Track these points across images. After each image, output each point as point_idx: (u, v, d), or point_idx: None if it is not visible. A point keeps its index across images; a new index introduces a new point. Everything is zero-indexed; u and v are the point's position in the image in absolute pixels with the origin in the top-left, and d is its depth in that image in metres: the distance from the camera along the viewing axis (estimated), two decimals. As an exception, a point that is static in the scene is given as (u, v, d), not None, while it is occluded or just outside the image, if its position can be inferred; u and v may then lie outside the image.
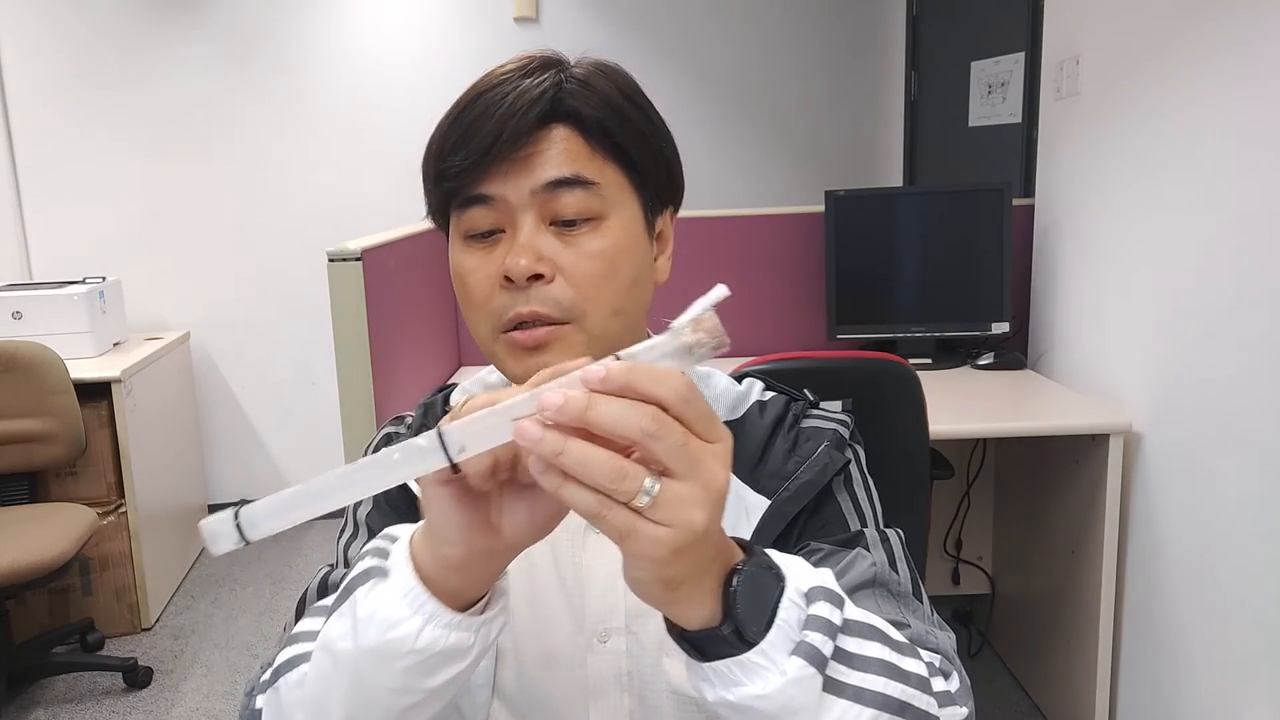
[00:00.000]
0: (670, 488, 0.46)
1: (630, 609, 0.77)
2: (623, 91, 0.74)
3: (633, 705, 0.77)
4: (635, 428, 0.45)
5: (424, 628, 0.54)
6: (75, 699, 2.61)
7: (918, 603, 0.73)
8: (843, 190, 2.53)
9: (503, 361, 0.74)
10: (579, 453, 0.45)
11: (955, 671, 0.65)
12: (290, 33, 3.57)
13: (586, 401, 0.44)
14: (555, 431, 0.45)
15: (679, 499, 0.46)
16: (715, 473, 0.47)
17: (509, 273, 0.69)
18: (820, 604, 0.53)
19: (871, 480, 0.83)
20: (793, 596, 0.52)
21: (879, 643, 0.56)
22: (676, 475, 0.46)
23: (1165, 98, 1.85)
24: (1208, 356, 1.73)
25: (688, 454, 0.46)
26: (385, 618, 0.54)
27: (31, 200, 3.50)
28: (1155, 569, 1.91)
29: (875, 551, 0.74)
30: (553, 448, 0.45)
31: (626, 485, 0.45)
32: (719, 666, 0.52)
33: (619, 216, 0.73)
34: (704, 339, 0.47)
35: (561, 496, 0.46)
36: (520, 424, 0.45)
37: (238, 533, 0.47)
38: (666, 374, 0.46)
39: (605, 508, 0.45)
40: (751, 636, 0.51)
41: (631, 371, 0.45)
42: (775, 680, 0.51)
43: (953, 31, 3.36)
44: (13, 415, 2.60)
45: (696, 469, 0.46)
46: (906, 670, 0.57)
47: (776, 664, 0.51)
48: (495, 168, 0.70)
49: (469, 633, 0.55)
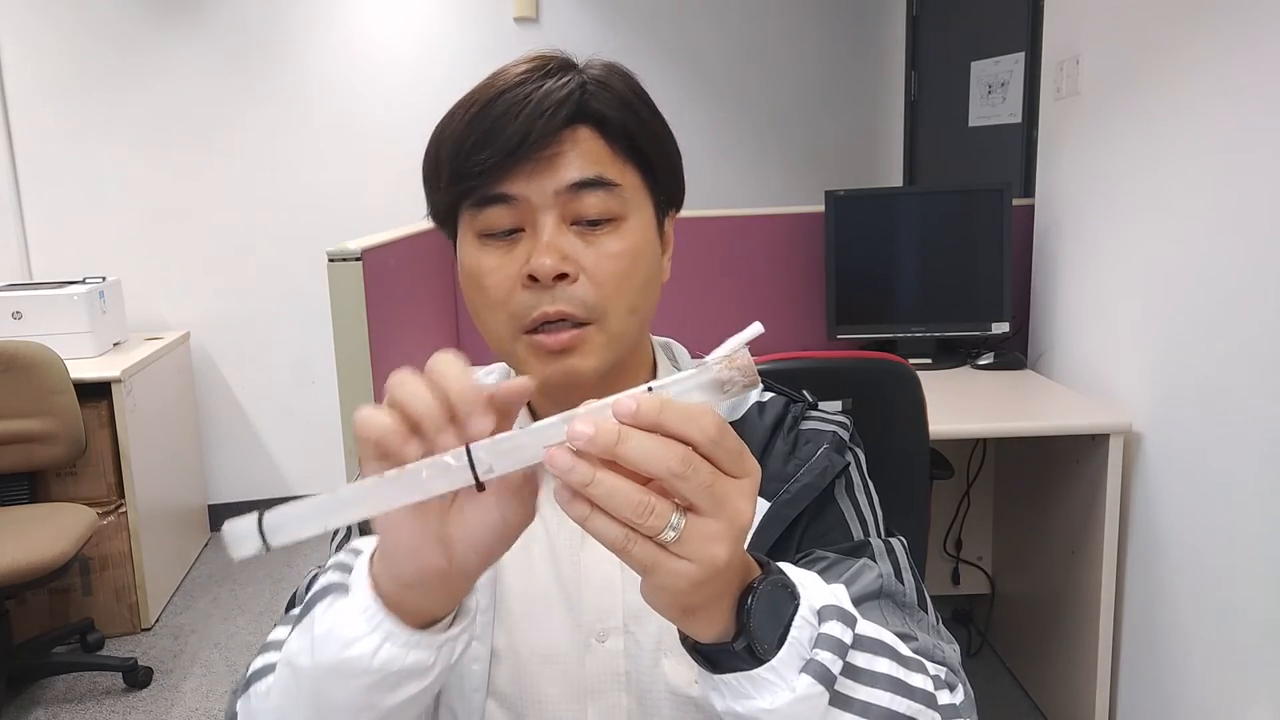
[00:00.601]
0: (695, 524, 0.46)
1: (628, 609, 0.77)
2: (636, 94, 0.75)
3: (630, 705, 0.77)
4: (663, 467, 0.45)
5: (381, 646, 0.54)
6: (75, 699, 2.61)
7: (923, 613, 0.73)
8: (843, 190, 2.53)
9: (524, 363, 0.73)
10: (608, 485, 0.45)
11: (960, 684, 0.66)
12: (290, 33, 3.57)
13: (617, 435, 0.45)
14: (586, 462, 0.45)
15: (703, 535, 0.47)
16: (740, 509, 0.48)
17: (535, 272, 0.69)
18: (832, 623, 0.54)
19: (872, 484, 0.83)
20: (805, 615, 0.53)
21: (888, 658, 0.57)
22: (702, 513, 0.47)
23: (1165, 97, 1.85)
24: (1208, 356, 1.73)
25: (713, 494, 0.46)
26: (342, 635, 0.54)
27: (31, 200, 3.50)
28: (1155, 569, 1.91)
29: (881, 562, 0.75)
30: (582, 478, 0.45)
31: (652, 521, 0.46)
32: (729, 679, 0.53)
33: (637, 218, 0.73)
34: (736, 376, 0.48)
35: (587, 527, 0.46)
36: (551, 452, 0.45)
37: (260, 538, 0.47)
38: (698, 413, 0.46)
39: (630, 541, 0.46)
40: (763, 654, 0.52)
41: (664, 409, 0.46)
42: (784, 696, 0.52)
43: (953, 31, 3.37)
44: (13, 415, 2.60)
45: (722, 507, 0.47)
46: (913, 686, 0.58)
47: (786, 680, 0.52)
48: (520, 167, 0.69)
49: (428, 651, 0.55)
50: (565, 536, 0.79)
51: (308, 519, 0.47)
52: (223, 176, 3.61)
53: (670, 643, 0.76)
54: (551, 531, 0.79)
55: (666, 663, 0.76)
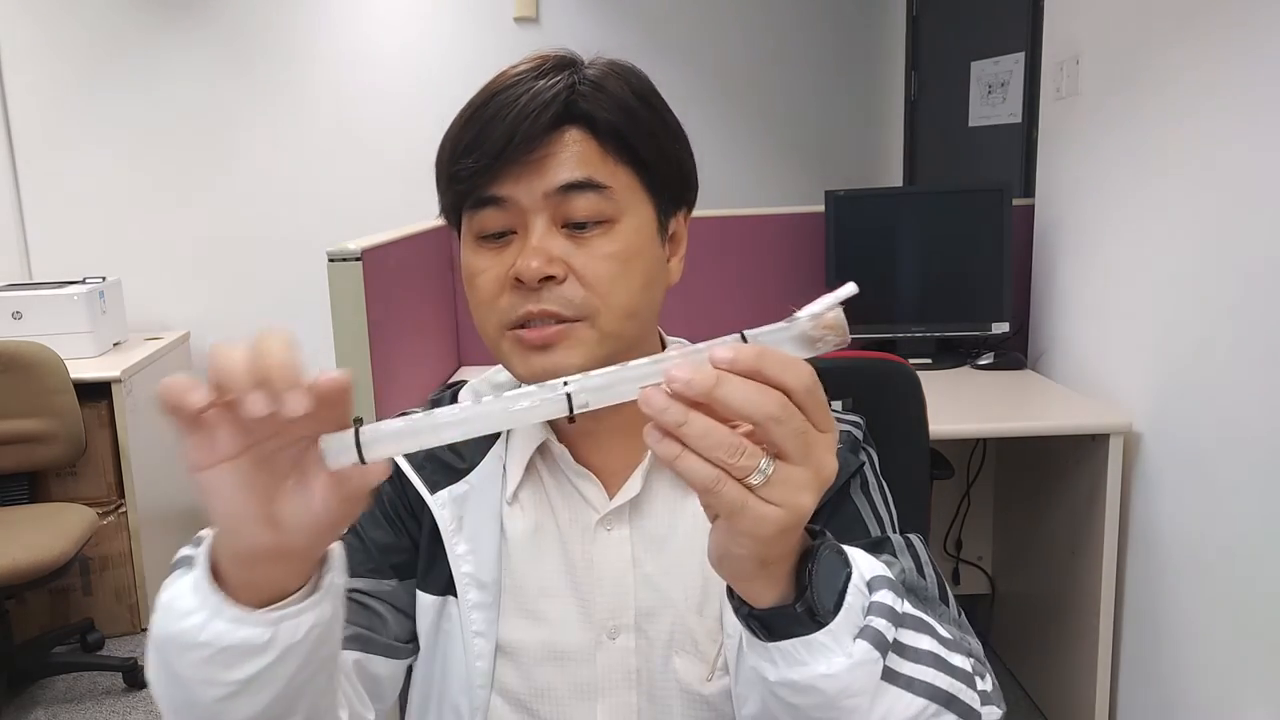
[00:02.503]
0: (784, 470, 0.47)
1: (640, 607, 0.77)
2: (636, 93, 0.74)
3: (641, 702, 0.77)
4: (761, 412, 0.46)
5: (210, 621, 0.53)
6: (75, 699, 2.61)
7: (945, 607, 0.74)
8: (843, 190, 2.52)
9: (508, 359, 0.74)
10: (701, 425, 0.45)
11: (988, 673, 0.66)
12: (290, 33, 3.57)
13: (715, 379, 0.45)
14: (680, 404, 0.45)
15: (791, 481, 0.47)
16: (825, 461, 0.48)
17: (520, 274, 0.69)
18: (884, 592, 0.55)
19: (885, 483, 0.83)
20: (858, 583, 0.54)
21: (929, 636, 0.58)
22: (791, 460, 0.47)
23: (1165, 97, 1.85)
24: (1208, 356, 1.73)
25: (805, 441, 0.47)
26: (177, 608, 0.54)
27: (31, 200, 3.50)
28: (1155, 569, 1.91)
29: (902, 557, 0.75)
30: (675, 418, 0.45)
31: (745, 461, 0.46)
32: (785, 646, 0.53)
33: (630, 219, 0.73)
34: (828, 335, 0.48)
35: (676, 467, 0.46)
36: (646, 391, 0.46)
37: (357, 450, 0.48)
38: (794, 361, 0.47)
39: (720, 482, 0.46)
40: (822, 617, 0.52)
41: (761, 356, 0.46)
42: (841, 661, 0.52)
43: (953, 31, 3.36)
44: (13, 415, 2.60)
45: (810, 456, 0.47)
46: (954, 665, 0.59)
47: (842, 645, 0.52)
48: (507, 170, 0.70)
49: (260, 628, 0.54)
50: (577, 533, 0.79)
51: (402, 436, 0.48)
52: (223, 176, 3.61)
53: (681, 641, 0.76)
54: (563, 528, 0.79)
55: (677, 661, 0.76)
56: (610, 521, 0.78)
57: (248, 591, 0.54)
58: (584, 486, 0.79)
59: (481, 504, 0.79)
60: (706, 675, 0.75)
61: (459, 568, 0.78)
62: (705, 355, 0.46)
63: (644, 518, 0.78)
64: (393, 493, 0.81)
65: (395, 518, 0.81)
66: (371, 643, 0.76)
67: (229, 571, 0.54)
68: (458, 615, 0.78)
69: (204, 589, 0.54)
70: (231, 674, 0.54)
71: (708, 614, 0.76)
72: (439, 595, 0.79)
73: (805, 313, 0.49)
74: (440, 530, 0.78)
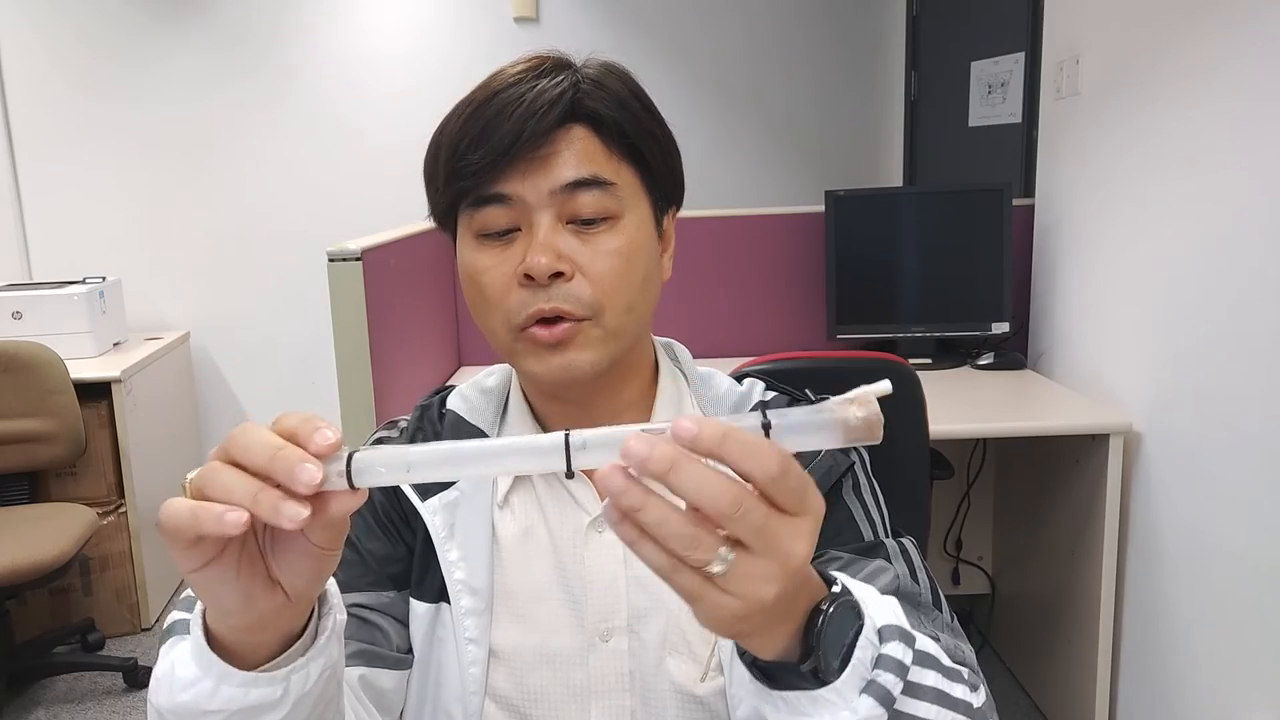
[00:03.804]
0: (744, 562, 0.45)
1: (633, 608, 0.77)
2: (633, 92, 0.75)
3: (634, 705, 0.77)
4: (714, 506, 0.43)
5: (218, 689, 0.53)
6: (75, 699, 2.61)
7: (938, 613, 0.73)
8: (843, 190, 2.52)
9: (523, 360, 0.73)
10: (658, 514, 0.44)
11: (982, 684, 0.66)
12: (290, 33, 3.57)
13: (670, 464, 0.43)
14: (638, 487, 0.43)
15: (752, 574, 0.45)
16: (793, 551, 0.46)
17: (530, 270, 0.69)
18: (894, 644, 0.53)
19: (877, 483, 0.83)
20: (869, 635, 0.52)
21: (934, 670, 0.57)
22: (752, 551, 0.45)
23: (1165, 97, 1.85)
24: (1208, 356, 1.73)
25: (764, 535, 0.45)
26: (180, 677, 0.54)
27: (31, 200, 3.50)
28: (1155, 569, 1.91)
29: (896, 563, 0.74)
30: (632, 503, 0.43)
31: (699, 555, 0.44)
32: (789, 697, 0.52)
33: (632, 216, 0.73)
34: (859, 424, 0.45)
35: (634, 550, 0.45)
36: (603, 472, 0.44)
37: (347, 477, 0.47)
38: (759, 448, 0.44)
39: (675, 571, 0.45)
40: (827, 675, 0.51)
41: (725, 439, 0.43)
42: (845, 717, 0.51)
43: (953, 31, 3.36)
44: (13, 415, 2.60)
45: (773, 548, 0.45)
46: (955, 698, 0.57)
47: (847, 701, 0.51)
48: (513, 167, 0.70)
49: (272, 687, 0.53)
50: (568, 536, 0.79)
51: (392, 468, 0.47)
52: (223, 176, 3.61)
53: (675, 642, 0.76)
54: (554, 531, 0.79)
55: (671, 662, 0.76)
56: (601, 524, 0.78)
57: (253, 651, 0.53)
58: (575, 488, 0.79)
59: (472, 510, 0.79)
60: (700, 676, 0.75)
61: (451, 574, 0.77)
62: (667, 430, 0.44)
63: None
64: (386, 502, 0.80)
65: (390, 526, 0.80)
66: (376, 657, 0.76)
67: (229, 638, 0.53)
68: (451, 622, 0.78)
69: (206, 658, 0.53)
70: None
71: None
72: (432, 603, 0.78)
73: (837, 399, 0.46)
74: (432, 538, 0.78)
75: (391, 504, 0.80)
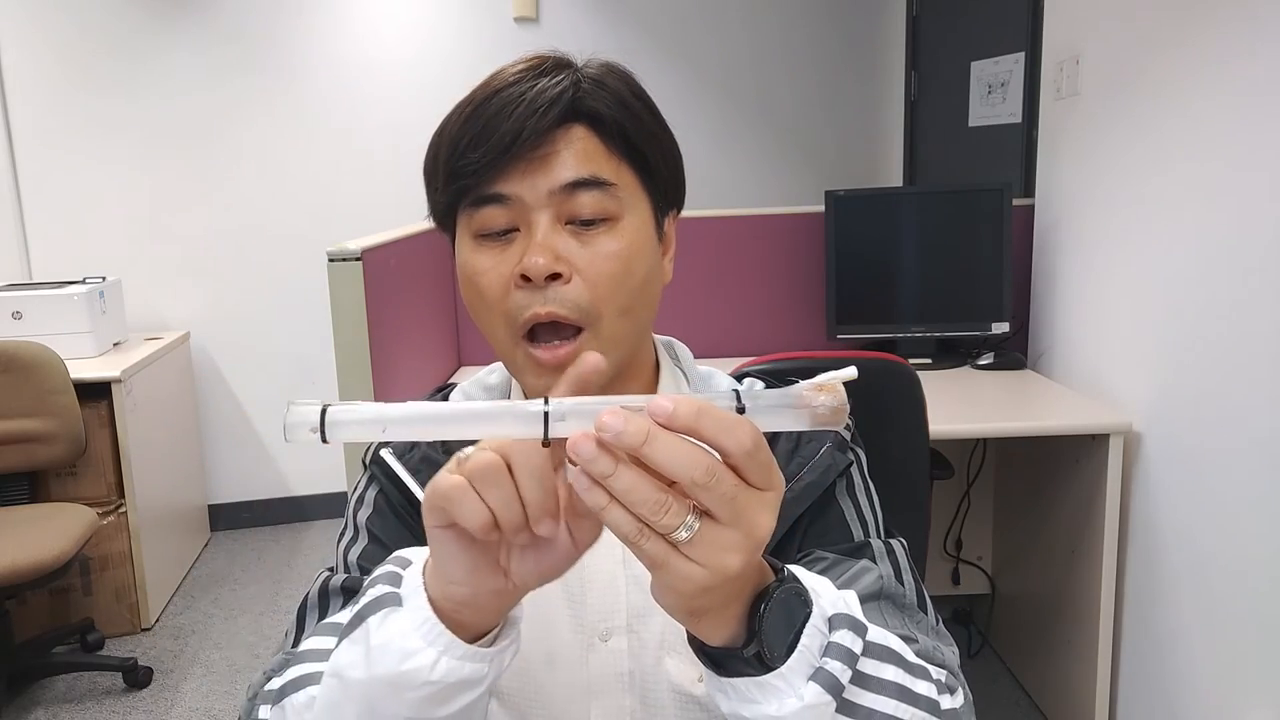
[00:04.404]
0: (711, 531, 0.46)
1: (632, 608, 0.77)
2: (634, 92, 0.74)
3: (634, 705, 0.77)
4: (685, 474, 0.44)
5: (439, 659, 0.54)
6: (75, 699, 2.61)
7: (922, 614, 0.73)
8: (843, 190, 2.53)
9: (522, 372, 0.73)
10: (628, 480, 0.45)
11: (960, 687, 0.65)
12: (290, 33, 3.57)
13: (645, 435, 0.44)
14: (608, 455, 0.44)
15: (717, 542, 0.46)
16: (759, 522, 0.47)
17: (527, 271, 0.68)
18: (843, 632, 0.54)
19: (872, 484, 0.83)
20: (817, 623, 0.53)
21: (894, 665, 0.57)
22: (720, 521, 0.46)
23: (1165, 97, 1.85)
24: (1208, 356, 1.73)
25: (734, 505, 0.46)
26: (401, 648, 0.54)
27: (31, 200, 3.50)
28: (1155, 569, 1.91)
29: (881, 563, 0.74)
30: (602, 469, 0.45)
31: (667, 520, 0.45)
32: (737, 683, 0.52)
33: (633, 217, 0.73)
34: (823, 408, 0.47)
35: (602, 517, 0.46)
36: (575, 439, 0.45)
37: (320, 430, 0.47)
38: (734, 423, 0.45)
39: (642, 536, 0.46)
40: (772, 661, 0.52)
41: (700, 415, 0.45)
42: (791, 704, 0.51)
43: (953, 31, 3.37)
44: (13, 415, 2.60)
45: (740, 518, 0.46)
46: (918, 693, 0.58)
47: (794, 688, 0.52)
48: (513, 167, 0.69)
49: (483, 664, 0.55)
50: None
51: (367, 424, 0.47)
52: (223, 176, 3.61)
53: (674, 641, 0.76)
54: None
55: (670, 662, 0.76)
56: None
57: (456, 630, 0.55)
58: None
59: None
60: (698, 675, 0.75)
61: None
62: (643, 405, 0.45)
63: None
64: (401, 498, 0.80)
65: (410, 520, 0.80)
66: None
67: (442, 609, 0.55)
68: None
69: (433, 629, 0.54)
70: (442, 710, 0.55)
71: None
72: None
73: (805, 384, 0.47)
74: None
75: (406, 500, 0.80)
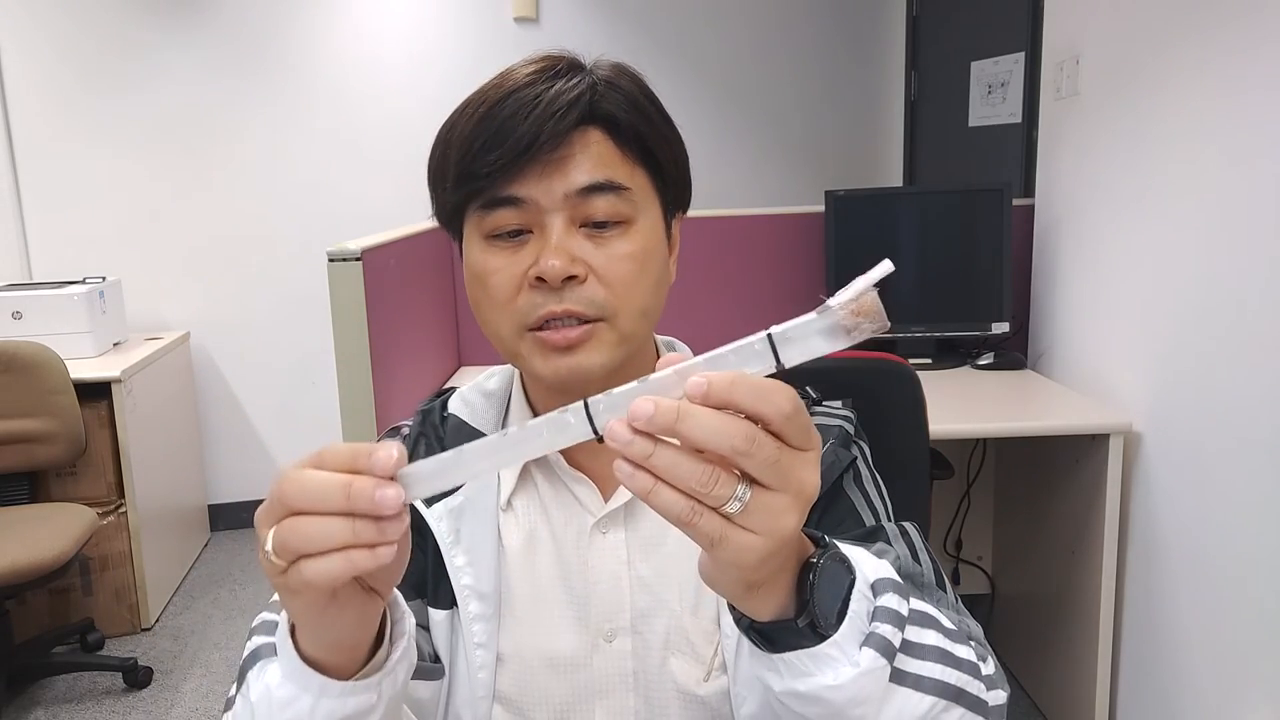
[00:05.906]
0: (760, 496, 0.45)
1: (636, 609, 0.77)
2: (646, 95, 0.74)
3: (638, 705, 0.77)
4: (727, 445, 0.43)
5: (317, 703, 0.54)
6: (75, 699, 2.61)
7: (942, 593, 0.74)
8: (843, 190, 2.53)
9: (528, 360, 0.73)
10: (670, 457, 0.44)
11: (990, 656, 0.66)
12: (290, 34, 3.57)
13: (676, 413, 0.43)
14: (645, 436, 0.43)
15: (771, 507, 0.45)
16: (805, 480, 0.46)
17: (543, 274, 0.68)
18: (888, 595, 0.54)
19: (878, 475, 0.83)
20: (862, 589, 0.53)
21: (935, 630, 0.57)
22: (768, 486, 0.45)
23: (1165, 97, 1.85)
24: (1208, 356, 1.73)
25: (779, 468, 0.45)
26: (278, 699, 0.54)
27: (31, 200, 3.50)
28: (1155, 569, 1.91)
29: (896, 545, 0.75)
30: (642, 450, 0.43)
31: (718, 490, 0.44)
32: (789, 658, 0.52)
33: (644, 220, 0.73)
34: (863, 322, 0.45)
35: (651, 502, 0.45)
36: (611, 425, 0.44)
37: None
38: (771, 389, 0.44)
39: (696, 514, 0.45)
40: (825, 629, 0.52)
41: (734, 386, 0.44)
42: (848, 672, 0.51)
43: (953, 31, 3.37)
44: (13, 415, 2.60)
45: (787, 480, 0.45)
46: (960, 657, 0.58)
47: (848, 655, 0.52)
48: (529, 169, 0.69)
49: (367, 694, 0.55)
50: (572, 537, 0.78)
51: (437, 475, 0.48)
52: (223, 176, 3.61)
53: (678, 642, 0.76)
54: (557, 533, 0.79)
55: (674, 662, 0.76)
56: (605, 525, 0.78)
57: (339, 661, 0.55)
58: (579, 490, 0.79)
59: (477, 514, 0.79)
60: (703, 676, 0.75)
61: (459, 580, 0.77)
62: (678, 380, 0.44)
63: (638, 520, 0.78)
64: None
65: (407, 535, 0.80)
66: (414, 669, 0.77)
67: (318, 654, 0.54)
68: (461, 627, 0.78)
69: (301, 675, 0.54)
70: None
71: (703, 614, 0.76)
72: (446, 609, 0.78)
73: (838, 300, 0.44)
74: (439, 544, 0.78)
75: None
